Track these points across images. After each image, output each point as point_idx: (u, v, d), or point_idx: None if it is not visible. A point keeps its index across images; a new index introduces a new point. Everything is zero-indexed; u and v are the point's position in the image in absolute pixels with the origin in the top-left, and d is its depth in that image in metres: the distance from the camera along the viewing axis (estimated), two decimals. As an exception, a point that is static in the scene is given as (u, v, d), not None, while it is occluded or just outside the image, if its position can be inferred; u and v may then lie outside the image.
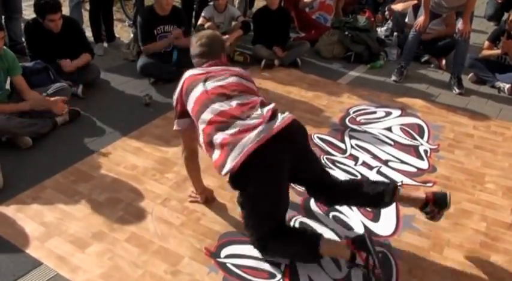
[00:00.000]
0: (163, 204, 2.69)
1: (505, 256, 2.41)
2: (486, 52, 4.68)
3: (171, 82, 4.28)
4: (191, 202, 2.71)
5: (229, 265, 2.28)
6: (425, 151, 3.34)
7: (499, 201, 2.84)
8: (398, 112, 3.94)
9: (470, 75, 4.64)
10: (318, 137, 3.50)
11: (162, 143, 3.31)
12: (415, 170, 3.12)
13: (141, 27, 4.37)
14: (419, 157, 3.26)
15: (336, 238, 2.47)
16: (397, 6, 5.78)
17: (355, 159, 3.23)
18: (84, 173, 2.93)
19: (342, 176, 3.01)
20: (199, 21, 5.01)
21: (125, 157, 3.13)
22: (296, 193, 2.83)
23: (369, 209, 2.66)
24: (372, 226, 2.59)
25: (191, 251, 2.35)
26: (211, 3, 5.24)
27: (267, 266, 2.27)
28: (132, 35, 5.13)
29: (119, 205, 2.66)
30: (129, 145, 3.28)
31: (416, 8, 5.21)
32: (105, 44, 5.12)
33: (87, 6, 5.09)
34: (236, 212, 2.63)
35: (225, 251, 2.36)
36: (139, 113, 3.74)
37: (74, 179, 2.87)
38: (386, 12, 6.09)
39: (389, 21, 5.94)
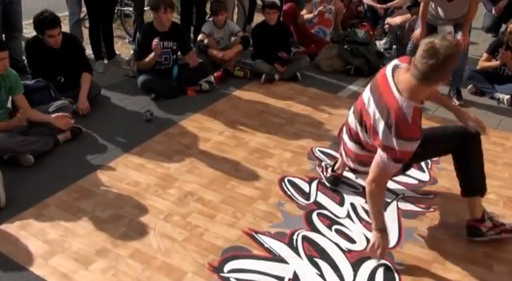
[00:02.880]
0: (165, 220, 2.69)
1: (508, 266, 2.41)
2: (485, 64, 4.72)
3: (171, 98, 4.33)
4: None
5: (232, 280, 2.28)
6: (426, 163, 3.35)
7: (500, 211, 2.85)
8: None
9: (470, 86, 4.67)
10: (319, 150, 3.51)
11: (163, 159, 3.33)
12: (416, 182, 3.13)
13: (139, 44, 4.42)
14: (421, 169, 3.27)
15: (339, 251, 2.47)
16: (396, 19, 5.82)
17: (357, 172, 3.24)
18: (86, 190, 2.94)
19: (343, 189, 3.03)
20: (199, 37, 5.06)
21: (127, 173, 3.14)
22: (298, 206, 2.85)
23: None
24: (374, 238, 2.59)
25: (194, 266, 2.35)
26: (210, 19, 5.30)
27: (270, 280, 2.27)
28: (132, 52, 5.18)
29: (122, 221, 2.67)
30: (131, 161, 3.29)
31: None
32: (106, 61, 5.16)
33: (87, 23, 5.14)
34: (238, 227, 2.64)
35: (228, 266, 2.36)
36: (140, 129, 3.77)
37: (76, 196, 2.88)
38: (386, 26, 6.14)
39: (388, 35, 5.99)
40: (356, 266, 2.39)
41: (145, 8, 5.50)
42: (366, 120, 2.45)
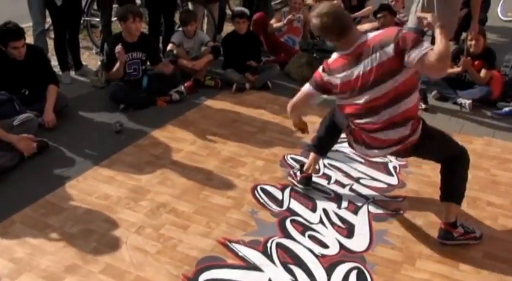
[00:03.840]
0: (138, 232, 2.66)
1: (472, 263, 2.50)
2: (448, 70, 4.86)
3: (141, 109, 4.30)
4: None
5: (207, 291, 2.27)
6: (395, 167, 3.43)
7: (465, 212, 2.93)
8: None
9: (434, 92, 4.79)
10: (291, 157, 3.54)
11: (134, 170, 3.29)
12: (385, 186, 3.19)
13: (107, 56, 4.38)
14: (389, 173, 3.34)
15: (313, 257, 2.49)
16: (364, 26, 5.92)
17: (328, 178, 3.29)
18: (54, 206, 2.88)
19: (315, 195, 3.06)
20: (169, 47, 5.05)
21: (97, 187, 3.09)
22: (271, 214, 2.86)
23: (343, 225, 2.71)
24: (346, 242, 2.63)
25: (168, 278, 2.33)
26: (180, 29, 5.29)
27: (245, 290, 2.28)
28: (99, 62, 5.12)
29: (92, 236, 2.62)
30: (100, 174, 3.24)
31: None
32: (72, 72, 5.08)
33: (52, 34, 5.06)
34: (212, 236, 2.63)
35: (203, 277, 2.35)
36: (110, 141, 3.72)
37: (44, 212, 2.82)
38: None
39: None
40: (329, 270, 2.42)
41: (112, 19, 5.46)
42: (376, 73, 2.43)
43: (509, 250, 2.61)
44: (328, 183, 3.22)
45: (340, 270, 2.42)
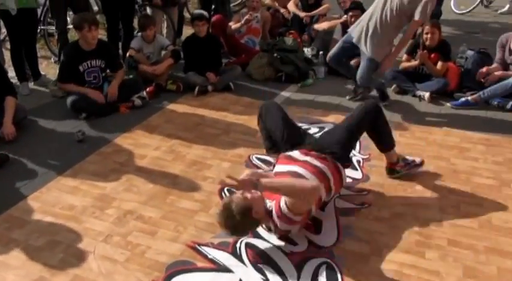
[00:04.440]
0: (105, 241, 2.63)
1: (437, 251, 2.56)
2: (405, 64, 5.00)
3: (104, 116, 4.25)
4: None
5: (178, 295, 2.27)
6: (358, 161, 3.50)
7: (428, 201, 3.03)
8: (331, 126, 4.08)
9: (393, 86, 4.90)
10: (256, 157, 3.56)
11: (99, 179, 3.25)
12: (350, 180, 3.25)
13: (62, 65, 4.30)
14: (353, 168, 3.39)
15: (282, 255, 2.52)
16: (322, 25, 6.02)
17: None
18: (18, 219, 2.81)
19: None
20: (129, 53, 5.02)
21: (61, 197, 3.03)
22: (239, 215, 2.87)
23: (310, 222, 2.75)
24: (314, 238, 2.66)
25: (138, 285, 2.32)
26: (139, 34, 5.25)
27: (216, 292, 2.29)
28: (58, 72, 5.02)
29: (59, 247, 2.57)
30: (64, 184, 3.19)
31: (345, 26, 5.45)
32: (31, 83, 4.97)
33: (8, 45, 4.93)
34: (181, 241, 2.63)
35: (173, 282, 2.35)
36: (72, 150, 3.66)
37: (7, 226, 2.75)
38: (312, 32, 6.33)
39: (314, 41, 6.18)
40: (299, 267, 2.44)
41: (68, 26, 5.37)
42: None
43: (472, 236, 2.69)
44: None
45: (310, 266, 2.45)
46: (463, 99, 4.59)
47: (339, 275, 2.39)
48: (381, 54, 4.33)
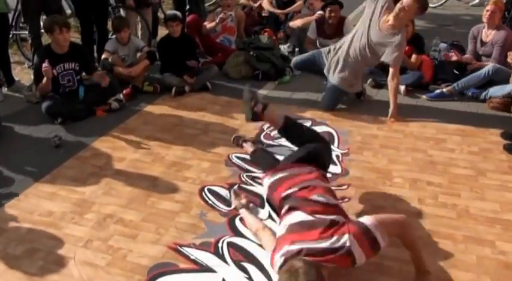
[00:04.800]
0: (85, 246, 2.60)
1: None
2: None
3: (80, 120, 4.19)
4: None
5: (161, 297, 2.26)
6: (337, 156, 3.52)
7: (407, 193, 3.07)
8: (309, 123, 4.12)
9: (369, 80, 4.95)
10: (236, 156, 3.56)
11: (77, 183, 3.21)
12: (329, 175, 3.26)
13: (36, 68, 4.23)
14: (333, 163, 3.41)
15: (264, 251, 2.53)
16: (297, 22, 6.04)
17: (274, 173, 3.33)
18: (-5, 228, 2.77)
19: (262, 191, 3.09)
20: (103, 56, 4.96)
21: (39, 204, 2.99)
22: (220, 214, 2.88)
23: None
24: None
25: (120, 290, 2.30)
26: (113, 36, 5.20)
27: (199, 292, 2.28)
28: (33, 77, 4.94)
29: (38, 254, 2.54)
30: (41, 190, 3.14)
31: (319, 23, 5.47)
32: (5, 89, 4.88)
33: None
34: (162, 243, 2.61)
35: (156, 284, 2.34)
36: (49, 156, 3.60)
37: (-16, 235, 2.70)
38: (287, 29, 6.35)
39: (290, 38, 6.20)
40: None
41: (42, 30, 5.28)
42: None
43: (451, 226, 2.74)
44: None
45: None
46: (438, 91, 4.66)
47: (321, 270, 2.40)
48: (347, 85, 4.39)
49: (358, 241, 2.10)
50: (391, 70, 4.15)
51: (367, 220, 2.20)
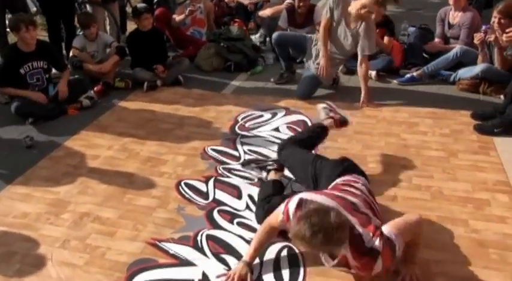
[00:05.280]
0: (63, 246, 2.57)
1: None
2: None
3: (52, 119, 4.12)
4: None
5: (142, 293, 2.25)
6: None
7: (382, 177, 3.12)
8: (283, 112, 4.14)
9: (341, 67, 4.96)
10: (211, 149, 3.56)
11: (51, 184, 3.16)
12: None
13: (2, 69, 4.13)
14: (308, 151, 3.45)
15: (244, 243, 2.54)
16: (266, 12, 6.01)
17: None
18: (-33, 234, 2.71)
19: (239, 182, 3.11)
20: (71, 53, 4.86)
21: (13, 206, 2.93)
22: (198, 207, 2.88)
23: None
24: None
25: (100, 288, 2.29)
26: (80, 32, 5.10)
27: (180, 285, 2.29)
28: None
29: (14, 257, 2.49)
30: (15, 192, 3.08)
31: (289, 12, 5.45)
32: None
33: None
34: (141, 239, 2.60)
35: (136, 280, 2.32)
36: (21, 157, 3.53)
37: (-43, 241, 2.64)
38: (257, 19, 6.33)
39: (261, 28, 6.19)
40: (262, 253, 2.45)
41: (7, 29, 5.15)
42: None
43: (426, 208, 2.80)
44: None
45: (272, 251, 2.48)
46: (408, 75, 4.73)
47: (299, 257, 2.44)
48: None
49: (384, 251, 2.04)
50: (359, 56, 4.19)
51: (388, 229, 2.13)
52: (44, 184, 3.17)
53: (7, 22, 5.14)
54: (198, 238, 2.60)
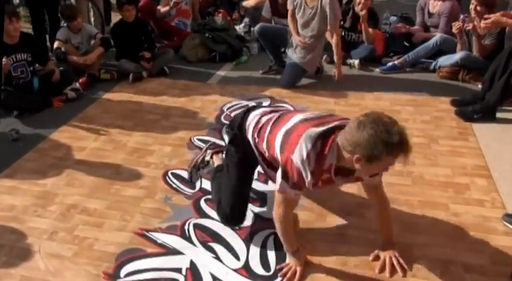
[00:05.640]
0: (50, 238, 2.59)
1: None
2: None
3: (37, 112, 4.11)
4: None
5: (130, 283, 2.29)
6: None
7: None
8: (268, 101, 4.18)
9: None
10: (198, 139, 3.59)
11: (38, 176, 3.17)
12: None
13: None
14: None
15: (230, 231, 2.59)
16: (250, 2, 6.03)
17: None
18: (-45, 226, 2.72)
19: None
20: (56, 45, 4.83)
21: (0, 199, 2.95)
22: (185, 197, 2.91)
23: (255, 196, 2.82)
24: (260, 211, 2.75)
25: (89, 279, 2.31)
26: (64, 24, 5.07)
27: (168, 274, 2.32)
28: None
29: (2, 250, 2.51)
30: (1, 185, 3.08)
31: (272, 2, 5.46)
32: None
33: None
34: (129, 229, 2.64)
35: (124, 270, 2.36)
36: (7, 150, 3.53)
37: None
38: (241, 9, 6.34)
39: (245, 18, 6.20)
40: (247, 241, 2.52)
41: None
42: None
43: (407, 193, 2.87)
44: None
45: (258, 239, 2.53)
46: (390, 63, 4.80)
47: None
48: (307, 62, 4.48)
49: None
50: (328, 27, 4.27)
51: None
52: (30, 176, 3.18)
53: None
54: (186, 227, 2.64)
